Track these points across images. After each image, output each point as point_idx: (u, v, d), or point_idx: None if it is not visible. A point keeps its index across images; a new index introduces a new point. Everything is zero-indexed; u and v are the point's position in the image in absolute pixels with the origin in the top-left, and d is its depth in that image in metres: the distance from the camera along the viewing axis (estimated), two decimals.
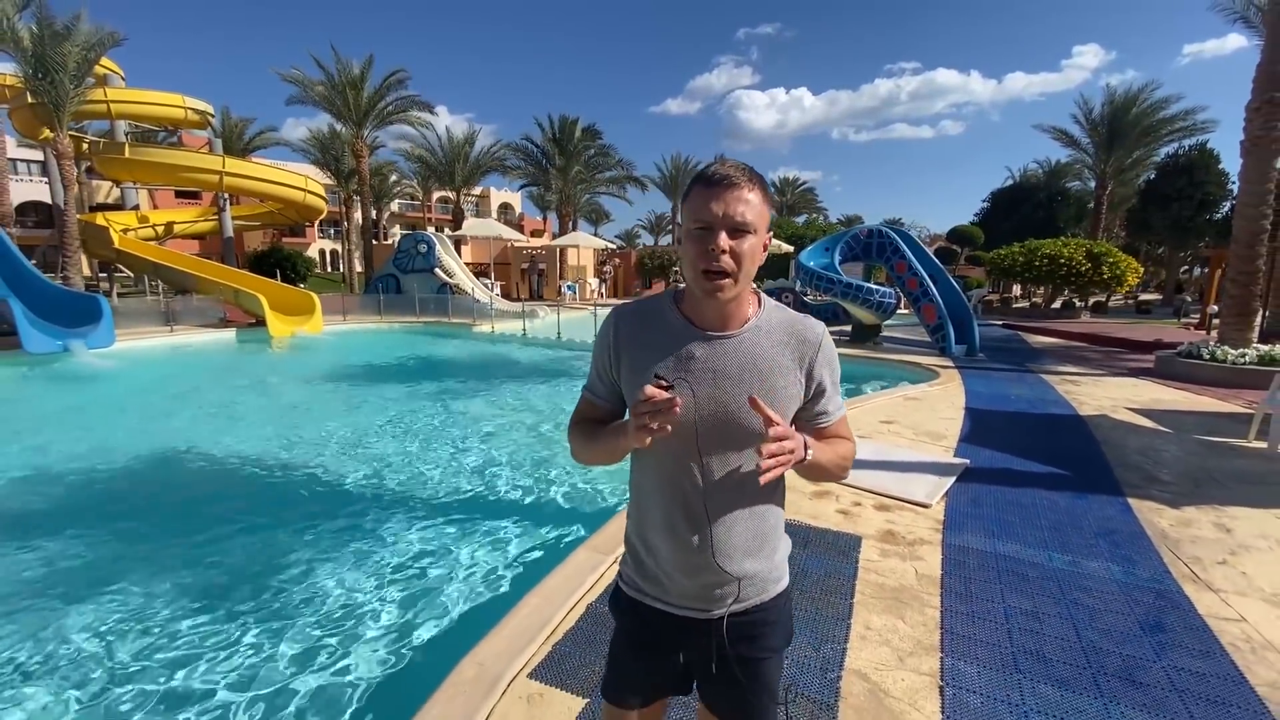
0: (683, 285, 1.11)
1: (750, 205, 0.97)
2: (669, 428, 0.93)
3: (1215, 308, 13.53)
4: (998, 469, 4.55)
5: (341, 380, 9.44)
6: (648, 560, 1.13)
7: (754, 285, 1.08)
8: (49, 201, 25.90)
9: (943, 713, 2.01)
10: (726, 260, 0.97)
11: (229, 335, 12.40)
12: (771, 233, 1.06)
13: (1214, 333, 10.06)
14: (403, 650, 2.72)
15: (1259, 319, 11.31)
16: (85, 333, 9.54)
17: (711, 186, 0.97)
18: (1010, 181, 35.78)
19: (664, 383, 0.94)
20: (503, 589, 3.24)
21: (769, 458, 0.90)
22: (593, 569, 2.85)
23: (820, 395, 1.12)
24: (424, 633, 2.85)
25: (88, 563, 3.58)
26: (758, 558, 1.11)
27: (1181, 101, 24.43)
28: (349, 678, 2.54)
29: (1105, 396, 7.29)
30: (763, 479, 0.91)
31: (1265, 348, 8.29)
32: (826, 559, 3.05)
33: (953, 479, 4.19)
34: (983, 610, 2.64)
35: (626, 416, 1.14)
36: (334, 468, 5.28)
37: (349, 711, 2.34)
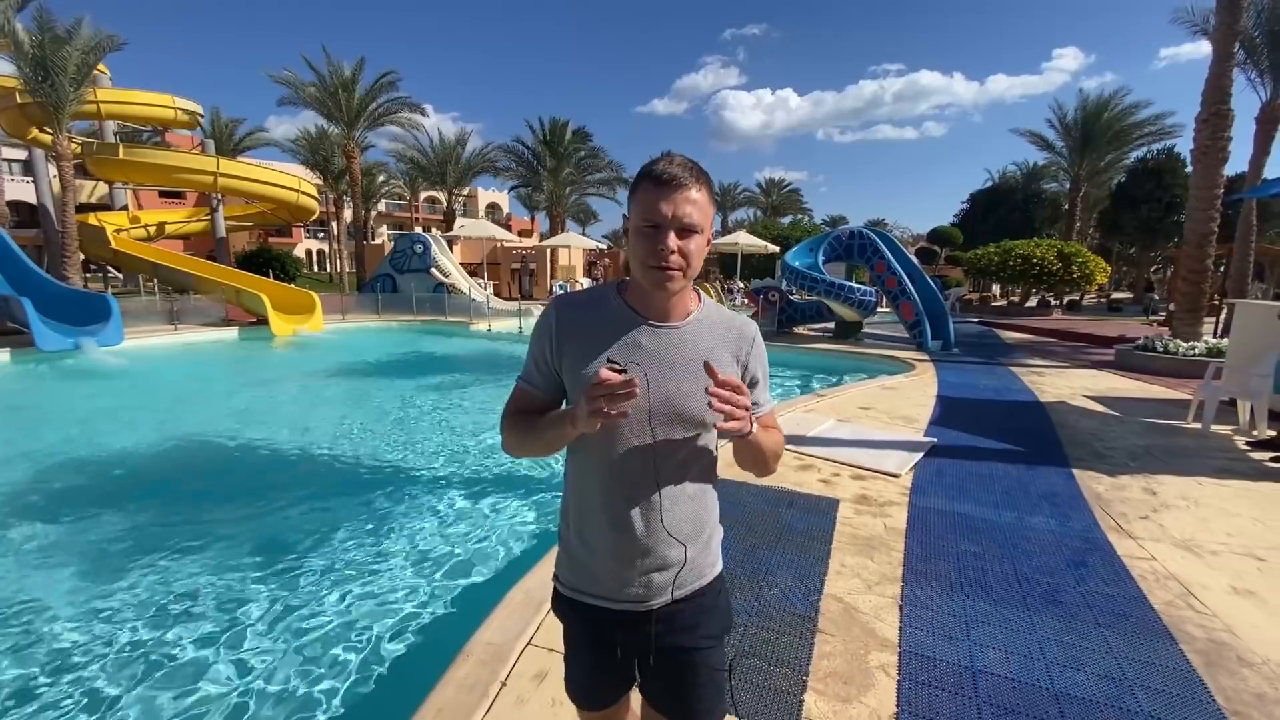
0: (628, 278, 1.14)
1: (697, 205, 1.00)
2: (627, 412, 0.93)
3: None
4: (962, 446, 5.10)
5: (356, 375, 9.83)
6: (586, 558, 1.14)
7: (694, 284, 1.14)
8: (32, 201, 25.81)
9: (900, 622, 2.51)
10: (675, 259, 1.00)
11: (231, 334, 12.68)
12: (715, 228, 1.13)
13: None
14: (460, 585, 3.27)
15: (1220, 316, 12.09)
16: (95, 331, 9.80)
17: (661, 186, 0.98)
18: (989, 183, 36.78)
19: (617, 366, 0.94)
20: (536, 540, 3.79)
21: (725, 404, 0.93)
22: None
23: (754, 386, 1.17)
24: (474, 574, 3.39)
25: (156, 529, 3.99)
26: (696, 543, 1.14)
27: (1151, 107, 25.52)
28: (427, 603, 3.10)
29: (1066, 386, 7.91)
30: (720, 425, 0.96)
31: (1214, 340, 8.98)
32: (809, 517, 3.55)
33: (921, 454, 4.72)
34: (939, 553, 3.15)
35: (564, 406, 1.15)
36: (371, 450, 5.77)
37: (431, 623, 2.92)
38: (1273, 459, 4.84)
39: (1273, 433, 5.23)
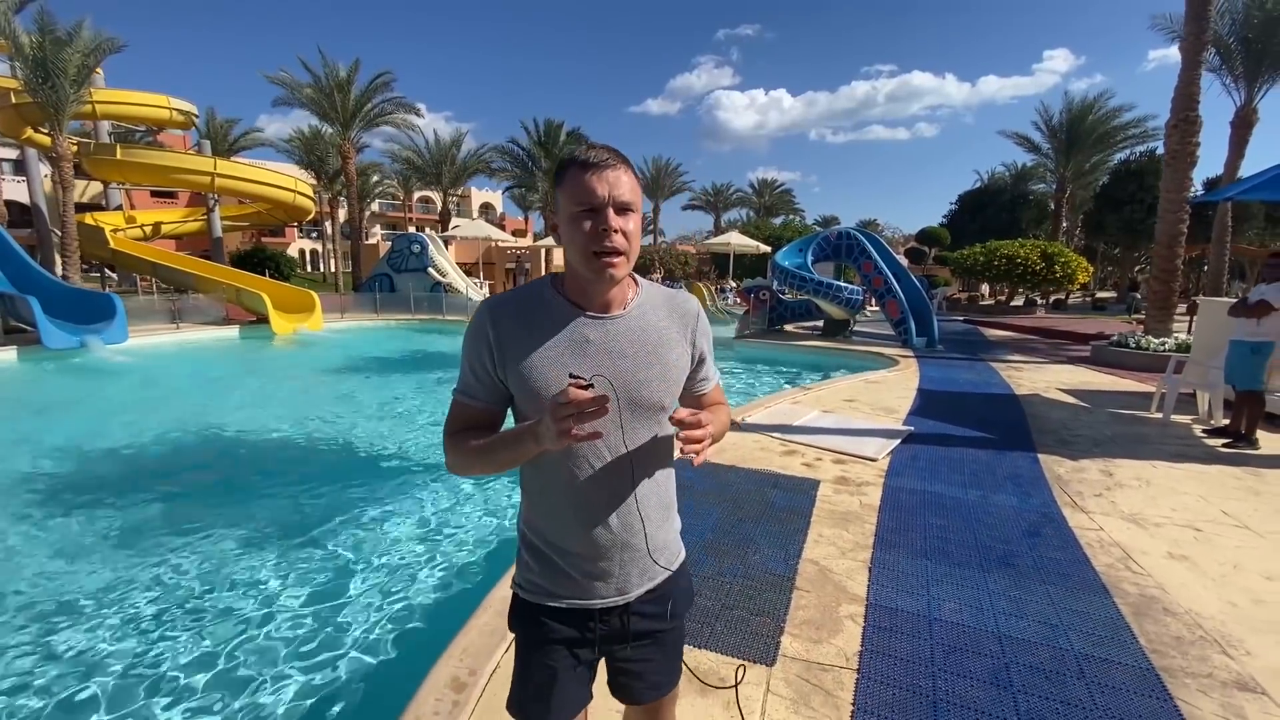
0: (560, 271, 1.13)
1: (629, 185, 0.98)
2: (600, 431, 0.91)
3: None
4: (937, 434, 5.43)
5: (361, 371, 10.07)
6: (559, 563, 1.10)
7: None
8: (24, 201, 25.80)
9: (869, 580, 2.83)
10: (619, 239, 0.97)
11: (232, 332, 12.89)
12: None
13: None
14: (478, 551, 3.63)
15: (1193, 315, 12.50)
16: (101, 329, 10.00)
17: (591, 168, 0.96)
18: (978, 184, 37.30)
19: (583, 381, 0.89)
20: None
21: (694, 443, 0.96)
22: None
23: (702, 363, 1.18)
24: (490, 541, 3.74)
25: (197, 509, 4.27)
26: (664, 528, 1.15)
27: (1134, 110, 26.15)
28: (450, 565, 3.44)
29: (1041, 380, 8.27)
30: (696, 461, 0.97)
31: (1185, 337, 9.38)
32: (791, 496, 3.86)
33: (898, 441, 5.05)
34: (907, 525, 3.47)
35: (510, 420, 1.12)
36: (385, 439, 6.09)
37: (454, 581, 3.26)
38: (1225, 445, 5.20)
39: (1227, 421, 5.59)
